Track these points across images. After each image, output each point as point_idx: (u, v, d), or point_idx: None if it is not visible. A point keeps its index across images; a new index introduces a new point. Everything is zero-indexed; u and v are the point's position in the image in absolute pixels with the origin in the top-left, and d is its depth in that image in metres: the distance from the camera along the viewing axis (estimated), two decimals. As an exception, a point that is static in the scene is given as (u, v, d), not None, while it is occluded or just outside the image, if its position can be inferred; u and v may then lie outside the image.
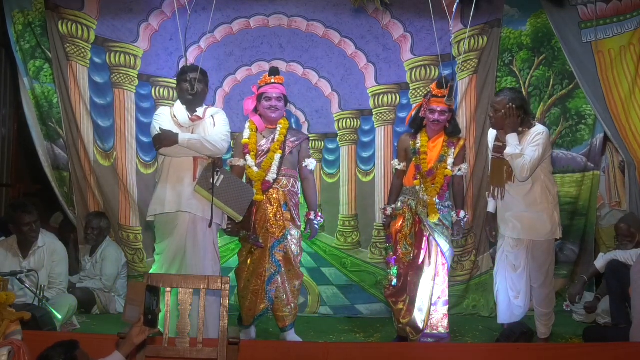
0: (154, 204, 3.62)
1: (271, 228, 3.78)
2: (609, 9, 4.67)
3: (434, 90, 3.83)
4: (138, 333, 2.45)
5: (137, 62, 4.86)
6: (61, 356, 2.34)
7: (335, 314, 4.84)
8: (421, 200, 3.86)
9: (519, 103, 3.71)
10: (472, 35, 4.76)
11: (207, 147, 3.55)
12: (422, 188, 3.87)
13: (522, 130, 3.73)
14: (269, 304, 3.81)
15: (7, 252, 4.06)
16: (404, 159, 4.04)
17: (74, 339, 2.46)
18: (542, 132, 3.70)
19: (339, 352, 3.22)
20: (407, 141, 4.00)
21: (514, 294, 3.90)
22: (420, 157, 3.88)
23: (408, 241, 3.88)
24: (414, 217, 3.89)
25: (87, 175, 4.83)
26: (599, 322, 4.25)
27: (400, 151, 4.07)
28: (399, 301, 3.93)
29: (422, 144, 3.90)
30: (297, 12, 4.87)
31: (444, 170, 3.86)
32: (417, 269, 3.84)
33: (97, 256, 4.71)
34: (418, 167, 3.89)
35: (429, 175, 3.86)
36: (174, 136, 3.51)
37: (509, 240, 3.84)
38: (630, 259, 3.88)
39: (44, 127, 4.89)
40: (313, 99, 4.98)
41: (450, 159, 3.88)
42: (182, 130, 3.59)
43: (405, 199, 3.95)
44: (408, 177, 3.99)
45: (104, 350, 2.57)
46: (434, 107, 3.82)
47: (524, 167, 3.61)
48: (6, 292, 2.88)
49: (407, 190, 3.98)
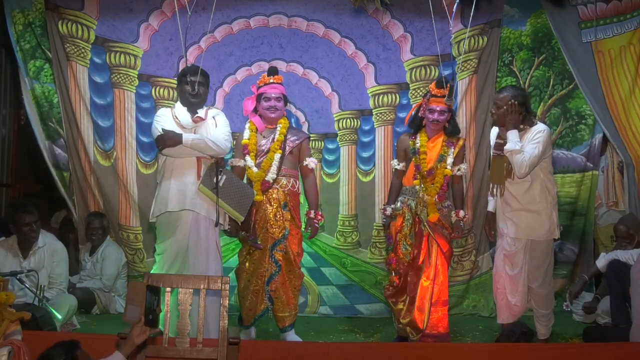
0: (158, 203, 3.61)
1: (271, 228, 3.78)
2: (609, 9, 4.67)
3: (433, 90, 3.84)
4: (139, 333, 2.45)
5: (137, 62, 4.86)
6: (62, 356, 2.34)
7: (335, 314, 4.84)
8: (421, 200, 3.86)
9: (521, 100, 3.71)
10: (472, 35, 4.76)
11: (210, 147, 3.55)
12: (422, 188, 3.87)
13: (523, 128, 3.73)
14: (269, 304, 3.81)
15: (7, 252, 4.06)
16: (404, 158, 4.04)
17: (75, 339, 2.46)
18: (543, 130, 3.70)
19: (339, 352, 3.22)
20: (407, 141, 4.00)
21: (511, 293, 3.92)
22: (420, 157, 3.88)
23: (408, 241, 3.88)
24: (414, 217, 3.89)
25: (87, 175, 4.83)
26: (598, 322, 4.25)
27: (400, 151, 4.07)
28: (399, 301, 3.93)
29: (422, 143, 3.90)
30: (297, 12, 4.87)
31: (443, 170, 3.86)
32: (417, 269, 3.84)
33: (97, 256, 4.72)
34: (418, 167, 3.89)
35: (429, 175, 3.86)
36: (178, 136, 3.51)
37: (507, 239, 3.85)
38: (631, 259, 3.89)
39: (44, 126, 4.89)
40: (313, 99, 4.98)
41: (449, 158, 3.88)
42: (184, 131, 3.59)
43: (405, 198, 3.95)
44: (408, 177, 3.99)
45: (104, 350, 2.57)
46: (433, 106, 3.82)
47: (522, 163, 3.62)
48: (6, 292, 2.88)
49: (406, 190, 3.98)
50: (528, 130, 3.73)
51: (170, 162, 3.61)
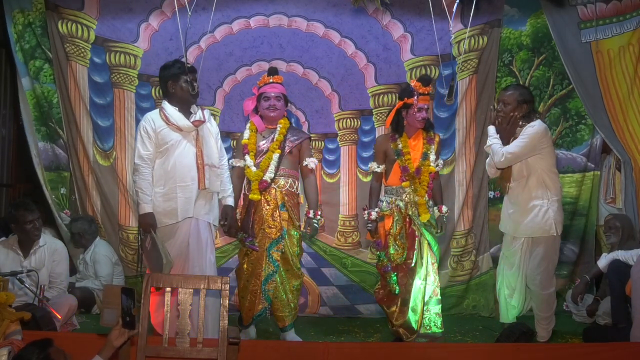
0: (163, 215, 3.54)
1: (268, 228, 3.78)
2: (609, 9, 4.66)
3: (420, 88, 3.81)
4: (117, 335, 2.47)
5: (137, 62, 4.86)
6: (35, 355, 2.34)
7: (335, 314, 4.84)
8: (411, 200, 3.85)
9: (528, 97, 3.80)
10: (472, 35, 4.76)
11: (226, 184, 3.76)
12: (412, 189, 3.85)
13: (522, 125, 3.78)
14: (267, 304, 3.81)
15: (8, 251, 4.06)
16: (383, 161, 3.99)
17: (48, 337, 2.48)
18: (534, 126, 3.72)
19: (339, 352, 3.21)
20: (387, 143, 3.95)
21: (508, 292, 3.94)
22: (405, 157, 3.85)
23: (398, 242, 3.83)
24: (404, 217, 3.85)
25: (85, 175, 4.83)
26: (599, 323, 4.25)
27: (379, 153, 4.01)
28: (391, 304, 3.90)
29: (404, 144, 3.88)
30: (297, 12, 4.87)
31: (428, 168, 3.85)
32: (408, 270, 3.82)
33: (87, 258, 4.68)
34: (405, 168, 3.85)
35: (418, 175, 3.85)
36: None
37: (506, 237, 3.88)
38: (632, 259, 3.88)
39: (44, 127, 4.89)
40: (313, 99, 4.98)
41: (432, 155, 3.88)
42: (182, 134, 3.57)
43: (391, 198, 3.90)
44: (393, 178, 3.93)
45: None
46: (422, 105, 3.82)
47: (498, 153, 3.70)
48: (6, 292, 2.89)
49: (391, 190, 3.92)
50: (525, 126, 3.78)
51: (168, 167, 3.54)
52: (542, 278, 3.79)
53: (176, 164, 3.54)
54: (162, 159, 3.56)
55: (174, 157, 3.54)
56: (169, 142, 3.54)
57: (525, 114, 3.78)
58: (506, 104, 3.78)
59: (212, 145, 3.66)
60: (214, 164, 3.64)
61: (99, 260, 4.63)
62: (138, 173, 3.54)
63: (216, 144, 3.71)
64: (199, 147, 3.58)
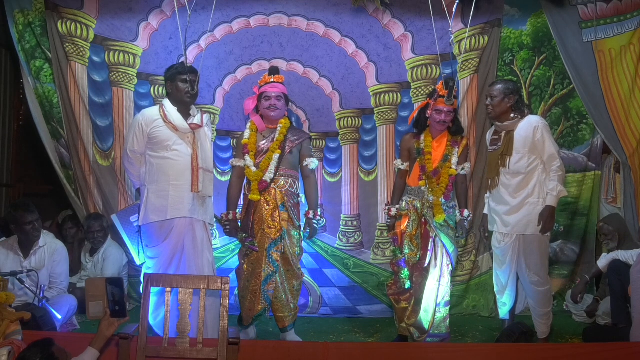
0: (152, 212, 3.55)
1: (267, 228, 3.77)
2: (609, 9, 4.66)
3: (441, 91, 3.82)
4: (108, 326, 2.52)
5: (137, 60, 4.86)
6: (38, 355, 2.35)
7: (335, 315, 4.83)
8: (427, 201, 3.85)
9: (514, 88, 3.86)
10: (472, 35, 4.75)
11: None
12: (428, 188, 3.85)
13: (515, 117, 3.81)
14: (267, 304, 3.81)
15: (8, 252, 4.06)
16: (407, 158, 4.02)
17: (49, 337, 2.51)
18: (538, 125, 3.76)
19: (339, 352, 3.21)
20: (411, 141, 3.99)
21: (498, 289, 3.95)
22: (425, 157, 3.86)
23: (414, 242, 3.85)
24: (420, 218, 3.87)
25: (87, 175, 4.83)
26: (598, 323, 4.25)
27: (404, 151, 4.05)
28: (401, 299, 3.92)
29: (427, 144, 3.89)
30: (297, 12, 4.87)
31: (448, 170, 3.85)
32: (423, 271, 3.82)
33: (98, 256, 4.70)
34: (423, 168, 3.87)
35: (435, 176, 3.84)
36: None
37: (497, 235, 3.88)
38: (632, 259, 3.88)
39: (49, 126, 4.88)
40: (314, 98, 4.97)
41: (454, 158, 3.87)
42: (178, 135, 3.58)
43: (410, 199, 3.92)
44: (413, 178, 3.96)
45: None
46: (441, 107, 3.82)
47: (560, 178, 3.77)
48: (6, 292, 2.89)
49: (412, 190, 3.95)
50: (520, 120, 3.80)
51: (161, 167, 3.57)
52: (542, 275, 3.81)
53: (171, 163, 3.56)
54: (157, 156, 3.59)
55: (169, 155, 3.56)
56: (165, 140, 3.57)
57: (514, 105, 3.82)
58: (494, 97, 3.83)
59: (207, 150, 3.72)
60: (208, 169, 3.69)
61: (109, 258, 4.64)
62: (128, 158, 3.69)
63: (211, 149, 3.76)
64: (194, 150, 3.60)
